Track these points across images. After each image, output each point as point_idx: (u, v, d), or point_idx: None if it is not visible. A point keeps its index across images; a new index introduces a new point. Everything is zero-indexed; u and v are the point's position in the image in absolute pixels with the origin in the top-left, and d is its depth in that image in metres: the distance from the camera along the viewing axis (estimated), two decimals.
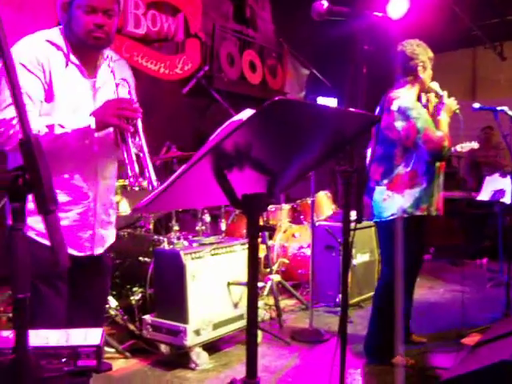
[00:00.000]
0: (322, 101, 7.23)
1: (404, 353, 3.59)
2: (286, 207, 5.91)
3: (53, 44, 2.07)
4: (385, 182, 3.41)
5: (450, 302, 5.24)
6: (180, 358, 3.56)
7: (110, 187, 2.26)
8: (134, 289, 3.97)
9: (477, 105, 4.27)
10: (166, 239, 3.93)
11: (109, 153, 2.19)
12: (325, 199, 5.79)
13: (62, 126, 1.95)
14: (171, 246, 3.74)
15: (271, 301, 4.57)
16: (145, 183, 2.05)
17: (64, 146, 1.98)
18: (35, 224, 1.95)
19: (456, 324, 4.08)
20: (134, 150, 2.04)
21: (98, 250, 2.23)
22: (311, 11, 2.16)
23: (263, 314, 4.28)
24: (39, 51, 2.03)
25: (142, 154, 2.06)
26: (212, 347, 3.74)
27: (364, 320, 4.41)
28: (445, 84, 3.72)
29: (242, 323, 3.82)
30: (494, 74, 9.98)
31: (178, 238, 3.87)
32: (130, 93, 2.20)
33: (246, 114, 1.17)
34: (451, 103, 3.49)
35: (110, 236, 2.31)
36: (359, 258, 5.07)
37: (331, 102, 7.51)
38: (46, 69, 2.02)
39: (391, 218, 3.37)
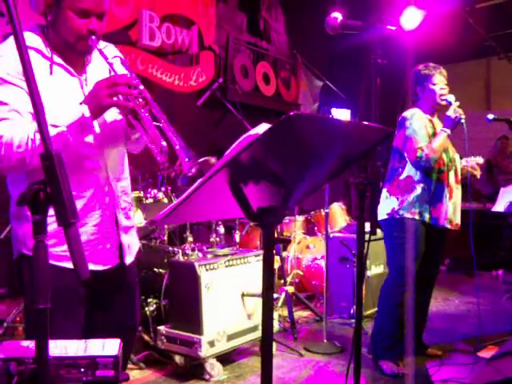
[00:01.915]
0: (335, 112, 7.25)
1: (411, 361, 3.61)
2: (300, 219, 5.92)
3: (30, 48, 1.80)
4: (387, 185, 3.69)
5: (466, 313, 5.20)
6: (194, 369, 3.57)
7: (126, 189, 2.07)
8: (149, 300, 3.99)
9: (491, 116, 4.25)
10: (180, 250, 3.95)
11: (117, 151, 2.02)
12: (339, 211, 5.80)
13: (55, 126, 1.74)
14: (186, 258, 3.76)
15: (285, 312, 4.57)
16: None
17: (65, 146, 1.76)
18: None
19: (472, 336, 4.04)
20: (153, 123, 1.80)
21: (129, 259, 2.06)
22: (325, 25, 2.18)
23: (277, 325, 4.27)
24: (17, 59, 1.69)
25: (162, 123, 1.79)
26: (226, 358, 3.75)
27: None
28: (459, 94, 3.76)
29: (256, 334, 3.82)
30: (508, 84, 9.95)
31: (193, 250, 3.88)
32: (125, 66, 1.97)
33: (262, 128, 1.18)
34: (451, 112, 3.54)
35: (135, 242, 2.14)
36: (373, 270, 5.06)
37: (345, 113, 7.52)
38: None
39: (386, 217, 3.63)
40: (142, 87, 1.84)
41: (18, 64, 1.69)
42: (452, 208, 3.61)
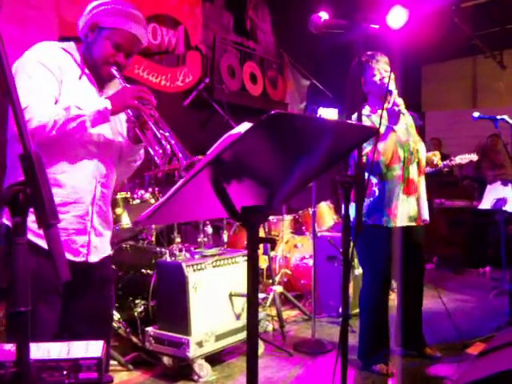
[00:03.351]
0: (322, 111, 7.25)
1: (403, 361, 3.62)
2: (288, 218, 5.92)
3: (67, 52, 2.15)
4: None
5: (453, 311, 5.22)
6: (183, 370, 3.55)
7: (107, 197, 2.27)
8: (137, 301, 3.97)
9: (476, 114, 4.29)
10: (168, 251, 3.94)
11: (110, 161, 2.24)
12: (326, 210, 5.80)
13: (79, 108, 1.99)
14: (173, 258, 3.74)
15: (273, 312, 4.57)
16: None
17: (80, 128, 2.00)
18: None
19: (459, 333, 4.06)
20: (159, 133, 2.08)
21: (93, 258, 2.21)
22: (309, 24, 2.18)
23: (266, 325, 4.27)
24: (56, 55, 2.11)
25: (168, 133, 2.08)
26: (214, 359, 3.74)
27: None
28: (446, 92, 3.78)
29: (245, 334, 3.80)
30: (494, 83, 10.02)
31: (180, 250, 3.87)
32: None
33: (244, 127, 1.18)
34: (390, 104, 3.40)
35: (105, 248, 2.30)
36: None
37: (332, 113, 7.52)
38: (61, 73, 2.07)
39: (352, 225, 3.48)
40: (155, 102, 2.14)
41: (57, 59, 2.07)
42: (415, 204, 3.53)
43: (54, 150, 2.04)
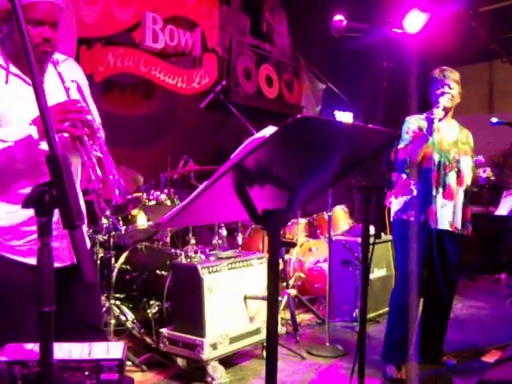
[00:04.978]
0: (338, 114, 7.23)
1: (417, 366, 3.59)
2: (303, 221, 5.91)
3: None
4: (395, 188, 3.77)
5: (468, 318, 5.18)
6: (196, 372, 3.55)
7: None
8: (151, 302, 3.98)
9: (495, 119, 4.24)
10: (183, 253, 3.94)
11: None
12: (341, 214, 5.79)
13: (3, 141, 1.84)
14: (188, 260, 3.75)
15: (287, 315, 4.56)
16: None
17: (10, 160, 1.87)
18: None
19: (475, 341, 4.02)
20: (94, 153, 1.90)
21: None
22: (330, 28, 2.18)
23: (280, 328, 4.26)
24: None
25: (103, 154, 1.91)
26: (228, 361, 3.74)
27: (381, 335, 4.37)
28: (462, 98, 3.75)
29: (259, 337, 3.81)
30: (511, 88, 9.93)
31: (195, 252, 3.88)
32: (81, 92, 2.06)
33: (269, 130, 1.17)
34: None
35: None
36: (376, 273, 5.05)
37: (347, 116, 7.50)
38: None
39: (392, 220, 3.74)
40: (90, 117, 1.92)
41: None
42: (452, 210, 3.58)
43: (11, 171, 1.93)
